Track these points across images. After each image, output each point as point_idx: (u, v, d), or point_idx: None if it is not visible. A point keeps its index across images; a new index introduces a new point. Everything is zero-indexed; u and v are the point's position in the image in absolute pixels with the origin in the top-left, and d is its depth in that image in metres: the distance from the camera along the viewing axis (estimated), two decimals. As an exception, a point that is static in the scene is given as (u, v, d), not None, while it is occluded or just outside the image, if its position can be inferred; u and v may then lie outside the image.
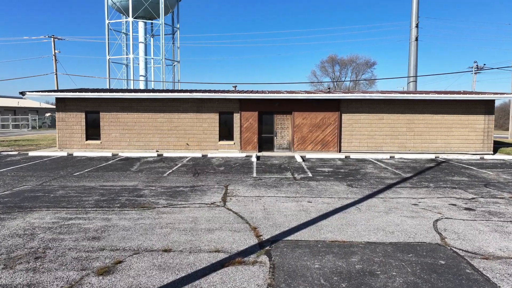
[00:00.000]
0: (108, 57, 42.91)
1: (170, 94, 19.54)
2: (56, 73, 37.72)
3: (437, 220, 7.60)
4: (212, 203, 8.92)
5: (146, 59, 45.28)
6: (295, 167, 14.97)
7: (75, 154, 18.73)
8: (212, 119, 19.69)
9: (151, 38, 47.35)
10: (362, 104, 19.61)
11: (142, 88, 43.23)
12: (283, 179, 12.32)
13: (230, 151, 19.61)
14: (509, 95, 20.14)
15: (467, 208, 8.58)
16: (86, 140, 19.88)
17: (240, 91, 21.33)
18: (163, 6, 41.89)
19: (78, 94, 19.37)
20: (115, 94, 19.46)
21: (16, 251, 5.82)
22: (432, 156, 18.78)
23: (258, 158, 17.66)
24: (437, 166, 15.40)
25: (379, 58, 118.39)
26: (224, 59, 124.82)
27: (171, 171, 13.80)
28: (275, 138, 19.99)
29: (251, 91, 20.96)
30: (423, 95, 19.09)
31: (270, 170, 14.18)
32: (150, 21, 44.33)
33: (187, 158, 17.75)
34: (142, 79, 44.79)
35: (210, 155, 18.65)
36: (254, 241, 6.35)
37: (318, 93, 21.60)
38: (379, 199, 9.46)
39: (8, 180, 11.82)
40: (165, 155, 18.63)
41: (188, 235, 6.61)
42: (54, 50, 38.00)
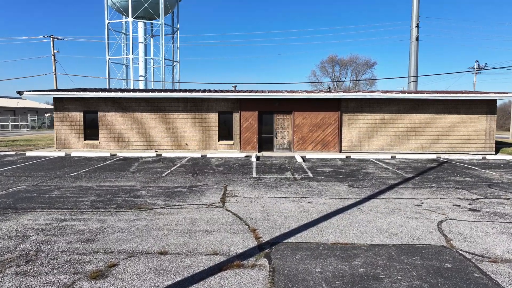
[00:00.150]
0: (107, 57, 42.73)
1: (169, 94, 19.35)
2: (55, 73, 37.51)
3: (441, 222, 7.40)
4: (210, 204, 8.72)
5: (146, 59, 45.10)
6: (295, 167, 14.77)
7: (73, 154, 18.54)
8: (212, 119, 19.49)
9: (151, 38, 47.17)
10: (362, 104, 19.41)
11: (142, 88, 43.03)
12: (283, 179, 12.11)
13: (229, 151, 19.41)
14: (511, 95, 19.94)
15: (471, 209, 8.38)
16: (84, 140, 19.68)
17: (239, 91, 21.12)
18: (163, 6, 41.72)
19: (76, 93, 19.18)
20: (114, 93, 19.27)
21: (6, 254, 5.62)
22: (433, 156, 18.58)
23: (258, 158, 17.46)
24: (439, 166, 15.19)
25: (379, 58, 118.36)
26: (224, 59, 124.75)
27: (169, 171, 13.60)
28: (275, 138, 19.79)
29: (251, 91, 20.76)
30: (425, 95, 18.89)
31: (270, 170, 13.98)
32: (150, 21, 44.16)
33: (186, 158, 17.55)
34: (141, 79, 44.61)
35: (209, 155, 18.45)
36: (253, 243, 6.15)
37: (318, 92, 21.40)
38: (381, 200, 9.26)
39: (3, 180, 11.62)
40: (164, 155, 18.43)
41: (186, 237, 6.41)
42: (53, 50, 37.80)
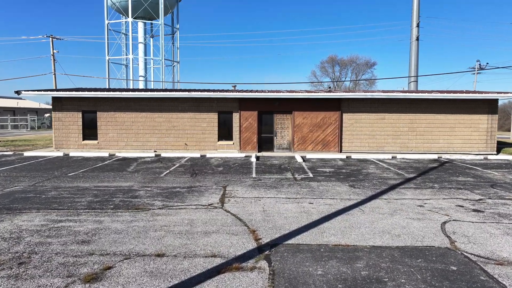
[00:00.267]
0: (107, 57, 42.59)
1: (168, 93, 19.21)
2: (54, 73, 37.34)
3: (445, 223, 7.25)
4: (209, 205, 8.57)
5: (146, 59, 44.96)
6: (295, 167, 14.62)
7: (71, 154, 18.39)
8: (211, 119, 19.34)
9: (151, 39, 47.03)
10: (363, 104, 19.27)
11: (141, 88, 42.85)
12: (283, 179, 11.96)
13: (229, 151, 19.27)
14: (513, 95, 19.78)
15: (475, 210, 8.23)
16: (83, 140, 19.53)
17: (239, 90, 20.97)
18: (162, 6, 41.59)
19: (74, 93, 19.03)
20: (113, 93, 19.13)
21: (-1, 256, 5.47)
22: (434, 156, 18.43)
23: (258, 158, 17.31)
24: (440, 166, 15.05)
25: (379, 58, 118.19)
26: (223, 59, 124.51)
27: (168, 171, 13.45)
28: (275, 138, 19.64)
29: (251, 90, 20.61)
30: (426, 94, 18.74)
31: (269, 170, 13.83)
32: (149, 21, 44.03)
33: (185, 158, 17.40)
34: (141, 79, 44.46)
35: (208, 155, 18.31)
36: (252, 245, 6.00)
37: (318, 92, 21.26)
38: (382, 200, 9.11)
39: None
40: (163, 155, 18.29)
41: (183, 239, 6.26)
42: (53, 50, 37.64)
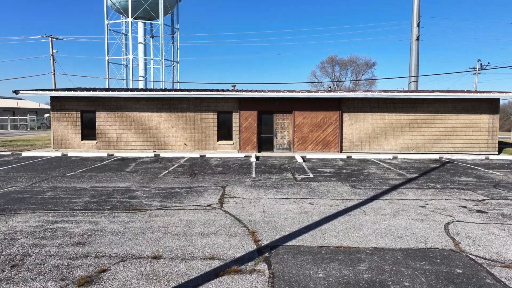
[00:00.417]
0: (107, 57, 42.42)
1: (168, 93, 19.06)
2: (53, 73, 37.21)
3: (448, 224, 7.10)
4: (208, 205, 8.43)
5: (146, 59, 44.80)
6: (295, 167, 14.47)
7: (70, 154, 18.25)
8: (211, 119, 19.20)
9: (151, 39, 46.86)
10: (363, 103, 19.13)
11: (141, 88, 42.71)
12: (283, 180, 11.82)
13: (228, 151, 19.12)
14: (514, 94, 19.63)
15: (478, 211, 8.08)
16: (82, 140, 19.39)
17: (239, 90, 20.82)
18: (162, 6, 41.43)
19: (73, 93, 18.89)
20: (111, 93, 18.98)
21: (-9, 258, 5.33)
22: (436, 156, 18.28)
23: (258, 158, 17.17)
24: (442, 167, 14.90)
25: (379, 58, 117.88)
26: (223, 59, 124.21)
27: (167, 171, 13.31)
28: (275, 138, 19.50)
29: (251, 90, 20.46)
30: (427, 94, 18.60)
31: (269, 170, 13.69)
32: (149, 21, 43.87)
33: (184, 158, 17.26)
34: (141, 79, 44.31)
35: (208, 156, 18.16)
36: (252, 246, 5.85)
37: (319, 92, 21.13)
38: (384, 201, 8.96)
39: (-4, 181, 11.34)
40: (162, 155, 18.14)
41: (181, 240, 6.12)
42: (52, 50, 37.52)
